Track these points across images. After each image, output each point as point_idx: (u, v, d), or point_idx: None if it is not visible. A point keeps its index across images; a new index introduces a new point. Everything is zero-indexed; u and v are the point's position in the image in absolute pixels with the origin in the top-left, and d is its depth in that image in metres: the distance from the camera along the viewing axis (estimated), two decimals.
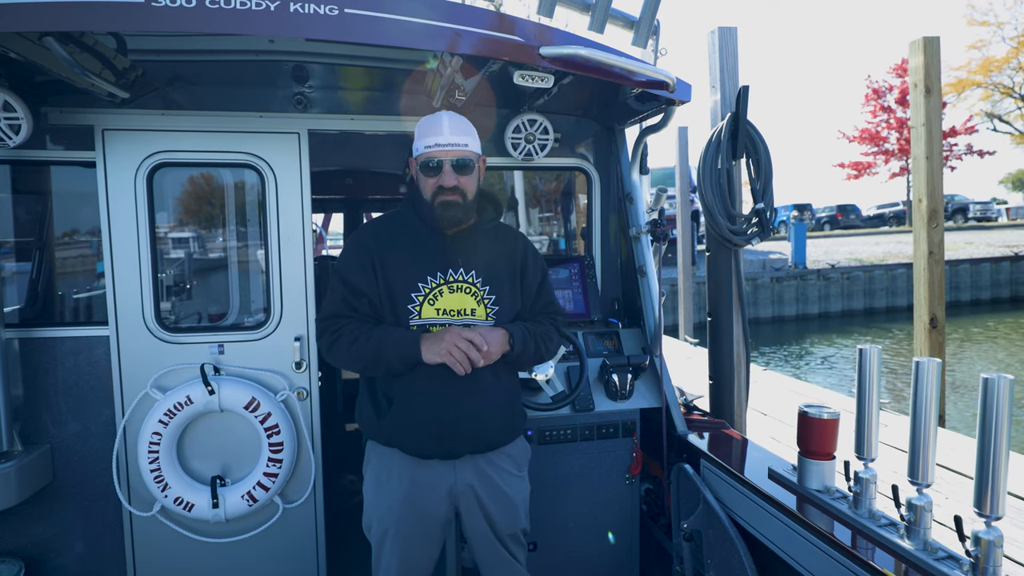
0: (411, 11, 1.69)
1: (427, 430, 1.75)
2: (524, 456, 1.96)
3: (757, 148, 2.69)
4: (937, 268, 4.30)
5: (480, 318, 1.79)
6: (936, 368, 1.48)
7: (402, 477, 1.79)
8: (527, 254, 1.93)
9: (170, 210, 2.61)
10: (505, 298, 1.83)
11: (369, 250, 1.81)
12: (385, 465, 1.82)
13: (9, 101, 2.03)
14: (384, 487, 1.82)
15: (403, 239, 1.82)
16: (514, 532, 1.88)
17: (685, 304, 8.93)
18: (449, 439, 1.76)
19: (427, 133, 1.75)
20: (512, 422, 1.89)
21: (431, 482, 1.79)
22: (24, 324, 2.43)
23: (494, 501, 1.83)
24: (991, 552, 1.31)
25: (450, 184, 1.72)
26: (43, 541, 2.40)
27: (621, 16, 2.39)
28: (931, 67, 4.23)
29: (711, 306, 2.94)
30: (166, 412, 2.31)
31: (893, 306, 15.59)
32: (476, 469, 1.82)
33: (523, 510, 1.91)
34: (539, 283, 1.95)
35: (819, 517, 1.71)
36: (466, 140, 1.75)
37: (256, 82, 2.43)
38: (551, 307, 1.98)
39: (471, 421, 1.77)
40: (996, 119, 28.80)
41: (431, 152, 1.73)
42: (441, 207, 1.73)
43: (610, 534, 2.52)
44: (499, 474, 1.85)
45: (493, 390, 1.81)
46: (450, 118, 1.76)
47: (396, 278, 1.77)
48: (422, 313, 1.75)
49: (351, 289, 1.79)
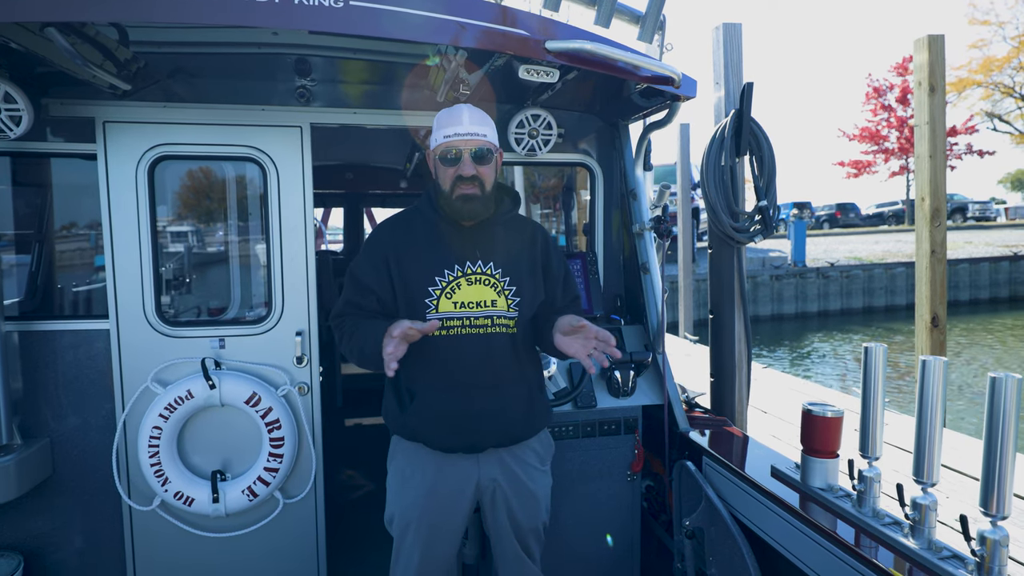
0: (416, 4, 1.68)
1: (449, 424, 1.75)
2: (548, 450, 1.96)
3: (761, 145, 2.68)
4: (939, 267, 4.30)
5: (501, 309, 1.78)
6: (942, 367, 1.48)
7: (426, 471, 1.79)
8: (548, 245, 1.92)
9: (171, 203, 2.59)
10: (526, 289, 1.82)
11: (383, 247, 1.81)
12: (410, 459, 1.82)
13: (10, 92, 2.02)
14: (409, 481, 1.81)
15: (420, 233, 1.82)
16: (535, 526, 1.89)
17: (685, 301, 8.93)
18: (472, 433, 1.76)
19: (447, 124, 1.74)
20: (535, 416, 1.88)
21: (456, 476, 1.79)
22: (24, 317, 2.41)
23: (518, 495, 1.83)
24: (997, 552, 1.31)
25: (469, 174, 1.71)
26: (42, 535, 2.39)
27: (627, 11, 2.37)
28: (935, 65, 4.21)
29: (713, 303, 2.93)
30: (167, 406, 2.30)
31: (892, 305, 15.61)
32: (500, 463, 1.81)
33: (544, 504, 1.91)
34: (564, 275, 1.94)
35: (822, 515, 1.71)
36: (485, 131, 1.74)
37: (258, 75, 2.41)
38: (578, 302, 1.98)
39: (494, 415, 1.76)
40: (996, 119, 28.81)
41: (451, 142, 1.72)
42: (460, 200, 1.72)
43: (608, 537, 2.51)
44: (523, 468, 1.85)
45: (516, 384, 1.81)
46: (470, 109, 1.76)
47: (413, 272, 1.76)
48: (439, 307, 1.74)
49: (359, 287, 1.80)
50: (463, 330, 1.74)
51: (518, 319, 1.80)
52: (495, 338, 1.76)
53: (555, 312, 1.85)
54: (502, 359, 1.77)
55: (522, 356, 1.82)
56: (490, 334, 1.75)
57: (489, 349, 1.75)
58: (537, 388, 1.91)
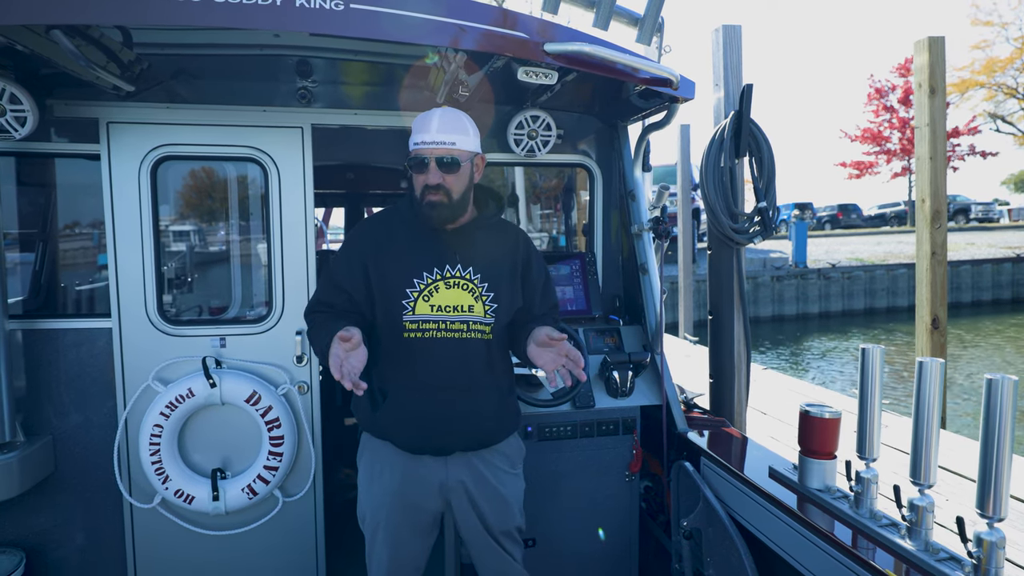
0: (416, 6, 1.69)
1: (419, 426, 1.75)
2: (519, 453, 1.96)
3: (760, 147, 2.68)
4: (940, 269, 4.30)
5: (478, 315, 1.77)
6: (940, 368, 1.48)
7: (394, 470, 1.79)
8: (529, 252, 1.91)
9: (173, 203, 2.61)
10: (504, 295, 1.81)
11: (361, 248, 1.81)
12: (378, 458, 1.83)
13: (15, 93, 2.03)
14: (376, 480, 1.82)
15: (400, 235, 1.81)
16: (507, 529, 1.88)
17: (685, 302, 8.93)
18: (441, 435, 1.76)
19: (418, 130, 1.74)
20: (505, 420, 1.88)
21: (422, 477, 1.79)
22: (27, 315, 2.43)
23: (486, 499, 1.83)
24: (993, 554, 1.31)
25: (434, 182, 1.70)
26: (44, 532, 2.40)
27: (625, 13, 2.38)
28: (936, 67, 4.21)
29: (712, 304, 2.94)
30: (167, 404, 2.32)
31: (894, 306, 15.58)
32: (469, 466, 1.81)
33: (517, 507, 1.91)
34: (544, 282, 1.93)
35: (820, 516, 1.72)
36: (454, 138, 1.71)
37: (260, 76, 2.43)
38: (556, 309, 1.98)
39: (464, 419, 1.76)
40: (999, 120, 28.74)
41: (419, 149, 1.72)
42: (427, 206, 1.72)
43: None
44: (492, 472, 1.84)
45: (487, 388, 1.81)
46: (441, 115, 1.74)
47: (390, 274, 1.76)
48: (416, 309, 1.74)
49: (332, 285, 1.81)
50: (438, 333, 1.74)
51: (494, 325, 1.79)
52: (470, 343, 1.76)
53: (532, 319, 1.85)
54: (476, 364, 1.77)
55: (495, 362, 1.81)
56: (465, 339, 1.75)
57: (463, 354, 1.75)
58: (508, 393, 1.90)
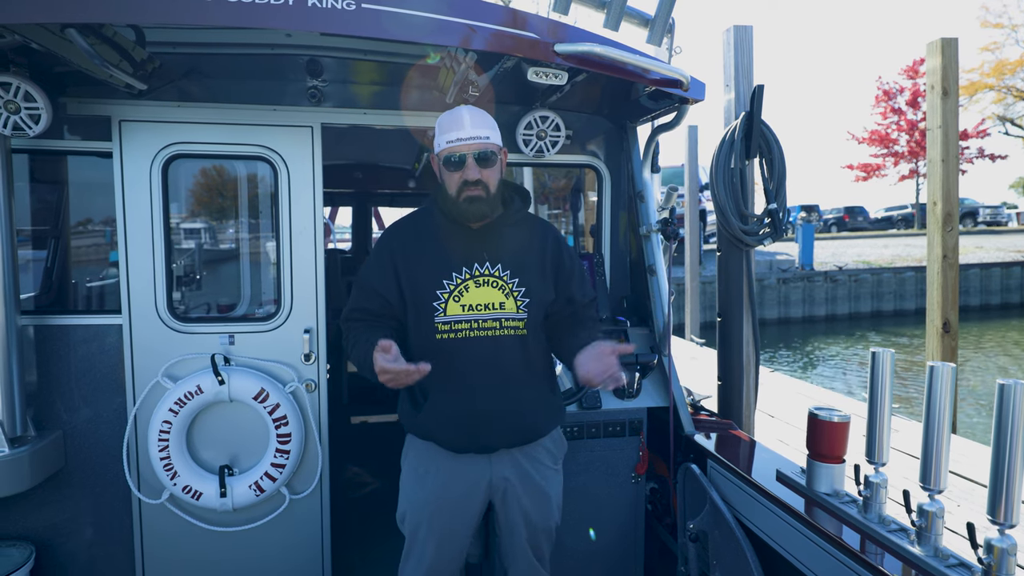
0: (427, 7, 1.69)
1: (461, 424, 1.76)
2: (560, 449, 1.96)
3: (771, 148, 2.67)
4: (951, 272, 4.26)
5: (510, 311, 1.77)
6: (951, 373, 1.47)
7: (439, 471, 1.80)
8: (560, 244, 1.90)
9: (184, 201, 2.62)
10: (535, 289, 1.81)
11: (391, 251, 1.81)
12: (422, 458, 1.83)
13: (30, 91, 2.05)
14: (421, 480, 1.82)
15: (427, 236, 1.82)
16: (548, 527, 1.89)
17: (692, 304, 8.90)
18: (484, 433, 1.76)
19: (448, 128, 1.74)
20: (547, 416, 1.88)
21: (468, 476, 1.79)
22: (39, 311, 2.45)
23: (530, 495, 1.83)
24: (1004, 560, 1.30)
25: (473, 178, 1.71)
26: (53, 526, 2.42)
27: (636, 14, 2.37)
28: (948, 69, 4.19)
29: (721, 306, 2.93)
30: (176, 401, 2.33)
31: (901, 309, 15.48)
32: (513, 463, 1.82)
33: (557, 504, 1.92)
34: (580, 272, 1.93)
35: (828, 520, 1.71)
36: (487, 133, 1.74)
37: (271, 75, 2.44)
38: (595, 305, 1.97)
39: (503, 416, 1.76)
40: (1008, 123, 28.49)
41: (453, 147, 1.72)
42: (467, 202, 1.72)
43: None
44: (536, 467, 1.85)
45: (525, 384, 1.81)
46: (470, 112, 1.75)
47: (420, 277, 1.76)
48: (447, 310, 1.74)
49: (365, 290, 1.81)
50: (471, 333, 1.74)
51: (528, 320, 1.79)
52: (504, 340, 1.76)
53: (575, 312, 1.86)
54: (511, 361, 1.77)
55: (533, 357, 1.81)
56: (499, 336, 1.75)
57: (498, 351, 1.75)
58: (548, 388, 1.90)
